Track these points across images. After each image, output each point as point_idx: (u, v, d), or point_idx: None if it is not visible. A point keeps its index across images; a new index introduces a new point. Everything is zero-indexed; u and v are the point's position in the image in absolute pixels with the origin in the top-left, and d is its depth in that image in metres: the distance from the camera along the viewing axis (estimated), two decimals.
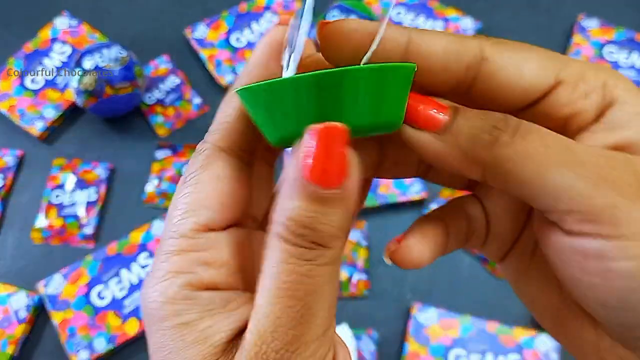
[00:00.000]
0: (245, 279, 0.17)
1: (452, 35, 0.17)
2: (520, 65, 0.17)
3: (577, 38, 0.68)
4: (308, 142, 0.14)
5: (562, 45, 0.69)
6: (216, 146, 0.17)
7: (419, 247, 0.19)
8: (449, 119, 0.16)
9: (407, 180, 0.59)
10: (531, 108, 0.17)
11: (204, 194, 0.16)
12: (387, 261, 0.19)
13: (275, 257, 0.15)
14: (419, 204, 0.59)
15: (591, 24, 0.69)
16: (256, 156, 0.19)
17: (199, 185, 0.17)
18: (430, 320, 0.52)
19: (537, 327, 0.52)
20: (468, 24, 0.69)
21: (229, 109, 0.18)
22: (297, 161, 0.14)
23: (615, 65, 0.66)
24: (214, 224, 0.16)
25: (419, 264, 0.19)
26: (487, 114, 0.16)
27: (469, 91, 0.17)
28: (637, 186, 0.15)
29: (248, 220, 0.18)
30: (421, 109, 0.16)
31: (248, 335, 0.15)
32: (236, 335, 0.16)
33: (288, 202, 0.15)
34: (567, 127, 0.17)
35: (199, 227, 0.16)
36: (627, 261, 0.14)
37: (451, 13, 0.69)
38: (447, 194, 0.59)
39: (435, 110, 0.16)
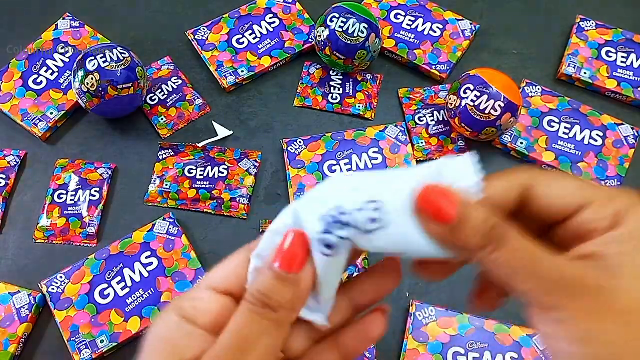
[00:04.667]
0: (219, 330, 0.23)
1: (505, 175, 0.23)
2: (555, 193, 0.23)
3: (575, 39, 0.68)
4: (283, 241, 0.22)
5: (560, 46, 0.70)
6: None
7: None
8: (456, 217, 0.21)
9: None
10: (562, 224, 0.23)
11: (221, 269, 0.24)
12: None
13: (238, 312, 0.22)
14: None
15: (589, 25, 0.69)
16: None
17: (224, 265, 0.24)
18: (429, 318, 0.52)
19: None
20: (466, 25, 0.70)
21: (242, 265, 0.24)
22: (271, 253, 0.22)
23: (614, 65, 0.66)
24: (215, 287, 0.24)
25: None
26: (485, 221, 0.21)
27: (520, 209, 0.23)
28: (580, 295, 0.20)
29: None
30: (440, 209, 0.21)
31: (205, 355, 0.22)
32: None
33: (258, 278, 0.23)
34: (587, 237, 0.22)
35: (206, 285, 0.24)
36: (567, 344, 0.20)
37: (449, 15, 0.70)
38: None
39: (447, 203, 0.21)
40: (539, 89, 0.65)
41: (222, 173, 0.61)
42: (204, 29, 0.70)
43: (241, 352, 0.21)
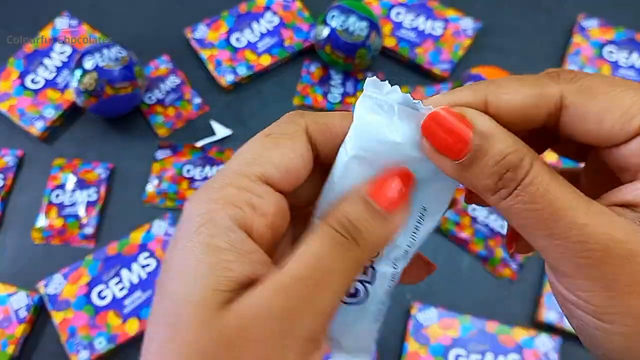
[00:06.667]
0: (271, 238, 0.19)
1: (530, 85, 0.18)
2: (600, 116, 0.17)
3: (577, 38, 0.68)
4: (384, 175, 0.18)
5: (562, 45, 0.69)
6: (308, 130, 0.20)
7: None
8: (469, 150, 0.17)
9: None
10: (606, 150, 0.18)
11: (279, 155, 0.19)
12: None
13: (317, 237, 0.18)
14: None
15: (591, 24, 0.69)
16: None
17: (279, 147, 0.19)
18: (430, 320, 0.52)
19: (537, 327, 0.52)
20: (468, 24, 0.69)
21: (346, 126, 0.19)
22: (369, 184, 0.18)
23: (616, 65, 0.66)
24: (272, 182, 0.19)
25: None
26: (507, 156, 0.17)
27: (552, 128, 0.19)
28: (605, 261, 0.16)
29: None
30: (447, 141, 0.18)
31: (262, 289, 0.17)
32: (244, 283, 0.17)
33: (349, 206, 0.18)
34: (637, 173, 0.18)
35: (261, 176, 0.18)
36: (591, 317, 0.17)
37: (451, 13, 0.69)
38: None
39: (460, 136, 0.17)
40: None
41: None
42: (202, 27, 0.69)
43: (317, 286, 0.17)
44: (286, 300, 0.17)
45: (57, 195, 0.60)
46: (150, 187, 0.60)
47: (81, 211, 0.59)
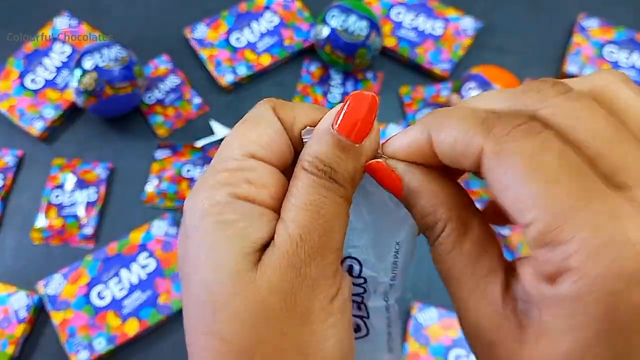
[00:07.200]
0: (279, 208, 0.19)
1: (464, 130, 0.16)
2: (502, 190, 0.15)
3: (577, 38, 0.68)
4: (344, 103, 0.18)
5: (562, 45, 0.69)
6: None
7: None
8: (403, 194, 0.19)
9: None
10: None
11: (258, 134, 0.19)
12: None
13: (301, 183, 0.18)
14: None
15: (591, 23, 0.68)
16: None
17: (257, 127, 0.19)
18: (430, 320, 0.52)
19: None
20: (468, 24, 0.69)
21: (319, 113, 0.20)
22: (331, 116, 0.18)
23: (616, 65, 0.66)
24: (260, 156, 0.19)
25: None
26: (424, 218, 0.18)
27: None
28: (474, 339, 0.17)
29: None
30: (387, 182, 0.19)
31: (279, 239, 0.18)
32: (266, 243, 0.18)
33: (317, 145, 0.18)
34: None
35: (248, 154, 0.19)
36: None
37: (451, 13, 0.69)
38: None
39: (395, 185, 0.19)
40: None
41: None
42: (202, 27, 0.69)
43: (326, 234, 0.18)
44: (300, 251, 0.17)
45: (57, 196, 0.60)
46: (150, 187, 0.60)
47: (81, 211, 0.59)
